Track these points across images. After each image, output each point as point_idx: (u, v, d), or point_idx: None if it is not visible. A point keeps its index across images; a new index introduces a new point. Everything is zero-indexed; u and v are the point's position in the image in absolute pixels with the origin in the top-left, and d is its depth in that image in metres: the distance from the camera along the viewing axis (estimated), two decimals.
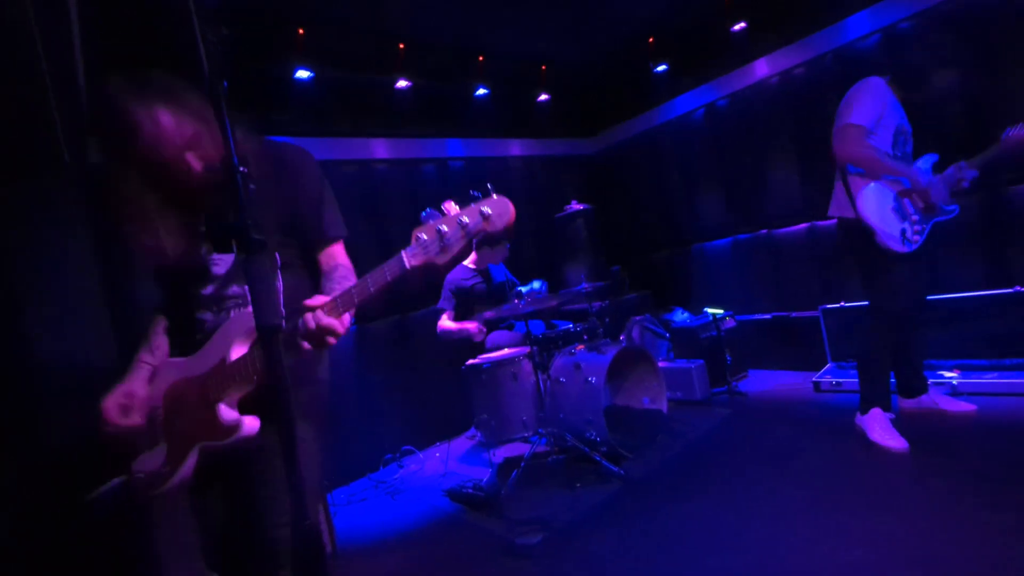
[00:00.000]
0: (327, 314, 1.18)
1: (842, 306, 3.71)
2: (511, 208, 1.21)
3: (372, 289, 1.22)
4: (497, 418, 3.19)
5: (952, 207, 2.61)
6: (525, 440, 3.18)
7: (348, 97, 4.09)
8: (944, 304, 3.26)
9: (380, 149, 4.32)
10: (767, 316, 4.43)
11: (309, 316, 1.18)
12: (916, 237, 2.56)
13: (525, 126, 5.25)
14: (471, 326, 3.54)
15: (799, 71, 4.11)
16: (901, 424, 2.67)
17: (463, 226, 1.19)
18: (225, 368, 1.27)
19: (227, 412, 1.27)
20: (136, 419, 1.34)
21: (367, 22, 3.58)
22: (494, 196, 1.21)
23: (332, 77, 3.80)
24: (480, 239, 3.50)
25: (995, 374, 3.01)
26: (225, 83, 0.73)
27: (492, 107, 4.66)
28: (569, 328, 3.56)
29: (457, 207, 1.23)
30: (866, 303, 2.82)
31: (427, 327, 4.32)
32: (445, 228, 1.19)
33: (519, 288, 3.62)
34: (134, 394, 1.35)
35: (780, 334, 4.35)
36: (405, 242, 1.23)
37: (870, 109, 2.53)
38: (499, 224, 1.21)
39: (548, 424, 3.03)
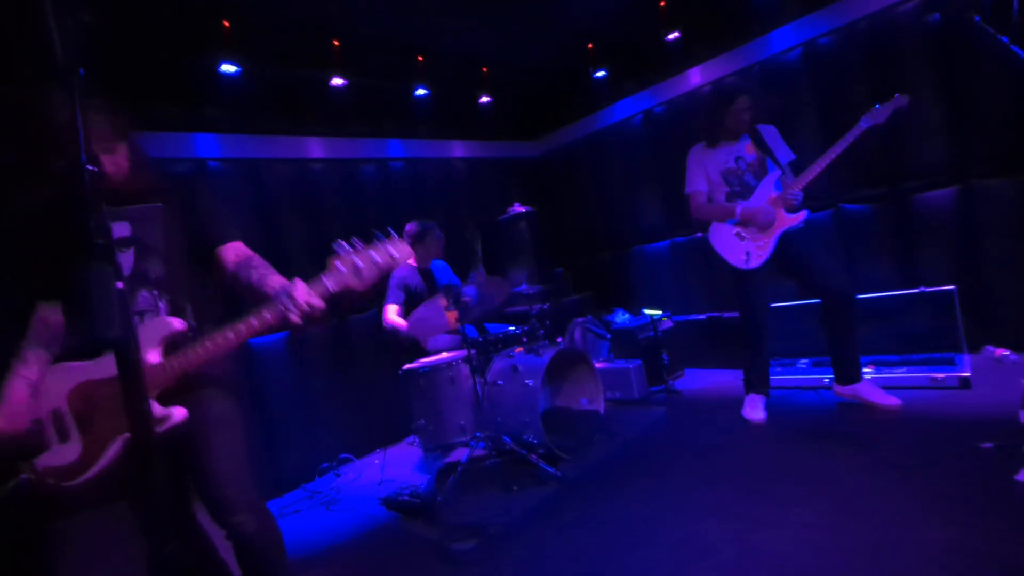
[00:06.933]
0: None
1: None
2: (408, 249, 1.51)
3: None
4: (435, 423, 3.14)
5: (800, 214, 2.90)
6: (464, 445, 3.15)
7: (281, 93, 3.94)
8: (860, 304, 3.45)
9: (316, 148, 4.18)
10: (702, 316, 4.57)
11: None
12: (761, 254, 2.94)
13: (468, 128, 5.22)
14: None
15: (729, 81, 4.27)
16: (833, 416, 2.95)
17: (373, 260, 1.45)
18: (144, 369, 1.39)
19: (152, 407, 1.40)
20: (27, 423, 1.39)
21: (297, 15, 3.45)
22: (396, 238, 1.50)
23: (262, 72, 3.63)
24: (412, 240, 3.54)
25: (904, 368, 3.22)
26: (82, 71, 0.67)
27: (433, 108, 4.60)
28: (507, 331, 3.56)
29: (361, 246, 1.48)
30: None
31: (367, 331, 4.22)
32: (359, 262, 1.45)
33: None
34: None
35: (714, 334, 4.49)
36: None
37: (696, 176, 3.18)
38: (403, 260, 1.50)
39: (486, 428, 3.01)
